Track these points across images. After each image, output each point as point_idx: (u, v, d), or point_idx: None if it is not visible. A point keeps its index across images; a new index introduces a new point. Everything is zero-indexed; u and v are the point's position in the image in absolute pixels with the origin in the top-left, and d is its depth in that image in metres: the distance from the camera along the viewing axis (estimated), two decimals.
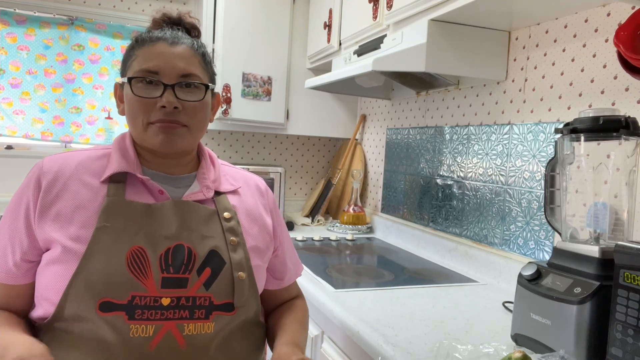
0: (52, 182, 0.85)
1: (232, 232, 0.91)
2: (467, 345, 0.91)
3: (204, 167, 0.97)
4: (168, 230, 0.85)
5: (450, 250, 1.79)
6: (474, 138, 1.72)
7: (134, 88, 0.86)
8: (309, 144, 2.81)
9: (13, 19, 2.36)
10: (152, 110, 0.86)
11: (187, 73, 0.88)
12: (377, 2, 1.71)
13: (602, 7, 1.25)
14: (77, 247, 0.81)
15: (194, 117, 0.89)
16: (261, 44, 2.28)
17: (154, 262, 0.82)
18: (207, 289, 0.85)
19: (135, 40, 0.91)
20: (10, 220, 0.86)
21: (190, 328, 0.83)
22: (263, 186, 1.06)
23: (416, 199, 2.05)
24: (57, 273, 0.81)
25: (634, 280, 0.79)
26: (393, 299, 1.33)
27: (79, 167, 0.88)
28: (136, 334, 0.79)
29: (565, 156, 1.03)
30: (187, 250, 0.85)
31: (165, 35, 0.90)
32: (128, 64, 0.90)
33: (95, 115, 2.51)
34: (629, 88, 1.18)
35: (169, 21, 0.96)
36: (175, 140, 0.88)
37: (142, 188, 0.89)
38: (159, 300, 0.81)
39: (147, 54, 0.87)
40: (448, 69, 1.53)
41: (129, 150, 0.91)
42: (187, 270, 0.84)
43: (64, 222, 0.83)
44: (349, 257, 1.94)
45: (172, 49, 0.88)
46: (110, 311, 0.78)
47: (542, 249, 1.41)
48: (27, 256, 0.84)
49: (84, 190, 0.86)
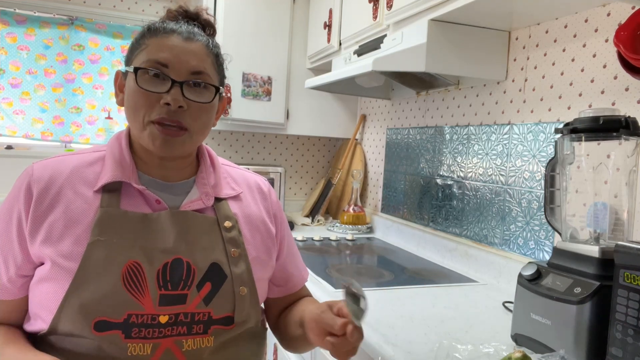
0: (43, 191, 0.80)
1: (233, 243, 0.87)
2: (467, 345, 0.91)
3: (203, 170, 0.92)
4: (166, 244, 0.81)
5: (450, 250, 1.79)
6: (474, 138, 1.72)
7: (139, 79, 0.80)
8: (309, 144, 2.81)
9: (13, 19, 2.36)
10: (154, 106, 0.80)
11: (198, 71, 0.82)
12: (377, 2, 1.71)
13: (602, 7, 1.25)
14: (69, 264, 0.76)
15: (198, 119, 0.83)
16: (261, 44, 2.28)
17: (151, 278, 0.78)
18: (206, 304, 0.81)
19: (147, 29, 0.84)
20: (1, 232, 0.81)
21: (189, 344, 0.79)
22: (266, 188, 1.01)
23: (416, 199, 2.05)
24: (49, 291, 0.77)
25: (634, 280, 0.79)
26: (393, 299, 1.33)
27: (72, 174, 0.83)
28: (134, 353, 0.76)
29: (565, 156, 1.03)
30: (186, 265, 0.81)
31: (181, 29, 0.84)
32: (136, 52, 0.84)
33: (95, 115, 2.51)
34: (629, 88, 1.18)
35: (185, 15, 0.90)
36: (174, 146, 0.82)
37: (138, 197, 0.84)
38: (157, 318, 0.77)
39: (158, 45, 0.81)
40: (448, 69, 1.53)
41: (125, 154, 0.85)
42: (187, 286, 0.80)
43: (55, 237, 0.78)
44: (349, 257, 1.94)
45: (186, 44, 0.82)
46: (106, 330, 0.75)
47: (542, 249, 1.41)
48: (22, 271, 0.80)
49: (77, 200, 0.81)
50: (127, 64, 0.86)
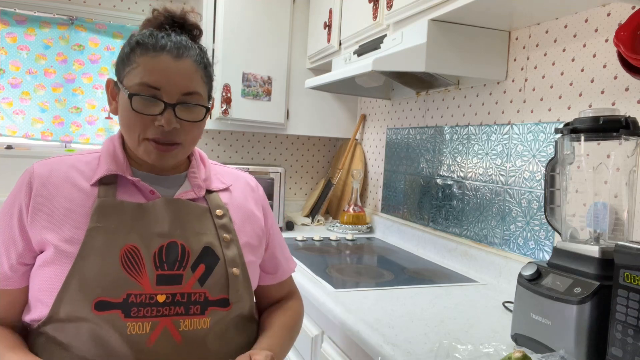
0: (43, 185, 0.85)
1: (225, 229, 0.92)
2: (467, 345, 0.91)
3: (194, 166, 0.97)
4: (161, 228, 0.86)
5: (450, 250, 1.79)
6: (474, 138, 1.72)
7: (133, 103, 0.84)
8: (309, 144, 2.81)
9: (13, 19, 2.36)
10: (149, 127, 0.85)
11: (189, 92, 0.86)
12: (377, 2, 1.71)
13: (602, 7, 1.25)
14: (70, 248, 0.81)
15: (190, 134, 0.89)
16: (261, 44, 2.28)
17: (148, 259, 0.83)
18: (201, 284, 0.85)
19: (136, 43, 0.86)
20: (3, 224, 0.86)
21: (186, 324, 0.83)
22: (253, 182, 1.07)
23: (416, 199, 2.05)
24: (50, 274, 0.80)
25: (634, 280, 0.79)
26: (393, 299, 1.33)
27: (70, 170, 0.88)
28: (133, 332, 0.79)
29: (565, 156, 1.03)
30: (181, 247, 0.86)
31: (170, 45, 0.85)
32: (127, 69, 0.86)
33: (95, 115, 2.51)
34: (629, 88, 1.18)
35: (171, 20, 0.91)
36: (168, 160, 0.88)
37: (133, 189, 0.89)
38: (155, 297, 0.81)
39: (149, 66, 0.84)
40: (448, 69, 1.53)
41: (118, 153, 0.91)
42: (182, 267, 0.84)
43: (56, 223, 0.83)
44: (349, 257, 1.94)
45: (176, 64, 0.85)
46: (106, 310, 0.79)
47: (542, 249, 1.41)
48: (23, 259, 0.84)
49: (75, 192, 0.86)
50: (117, 76, 0.90)
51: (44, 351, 0.81)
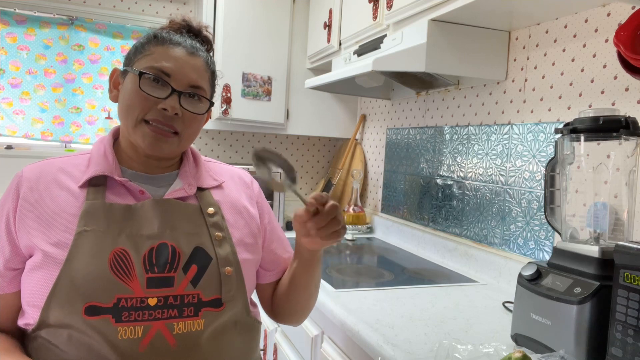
0: (31, 189, 0.85)
1: (217, 227, 0.91)
2: (467, 345, 0.91)
3: (186, 164, 0.97)
4: (150, 230, 0.85)
5: (450, 250, 1.79)
6: (474, 138, 1.72)
7: (141, 82, 0.85)
8: (309, 144, 2.81)
9: (13, 19, 2.36)
10: (151, 108, 0.85)
11: (197, 85, 0.89)
12: (377, 2, 1.71)
13: (602, 7, 1.25)
14: (58, 252, 0.80)
15: (189, 127, 0.89)
16: (261, 44, 2.28)
17: (138, 262, 0.81)
18: (194, 286, 0.84)
19: (154, 36, 0.90)
20: None
21: (180, 327, 0.82)
22: (248, 178, 1.06)
23: (416, 199, 2.05)
24: (40, 279, 0.80)
25: (634, 281, 0.79)
26: (393, 299, 1.33)
27: (58, 173, 0.88)
28: (125, 336, 0.78)
29: (565, 156, 1.03)
30: (171, 248, 0.85)
31: (185, 42, 0.91)
32: (139, 56, 0.89)
33: (95, 115, 2.51)
34: (629, 88, 1.18)
35: (188, 29, 0.96)
36: (163, 147, 0.87)
37: (122, 190, 0.88)
38: (146, 300, 0.80)
39: (164, 54, 0.87)
40: (448, 69, 1.53)
41: (107, 153, 0.90)
42: (172, 269, 0.83)
43: (44, 226, 0.82)
44: (349, 257, 1.94)
45: (189, 58, 0.89)
46: (96, 315, 0.77)
47: (542, 249, 1.41)
48: (10, 264, 0.83)
49: (63, 195, 0.85)
50: (126, 64, 0.91)
51: (40, 355, 0.80)
